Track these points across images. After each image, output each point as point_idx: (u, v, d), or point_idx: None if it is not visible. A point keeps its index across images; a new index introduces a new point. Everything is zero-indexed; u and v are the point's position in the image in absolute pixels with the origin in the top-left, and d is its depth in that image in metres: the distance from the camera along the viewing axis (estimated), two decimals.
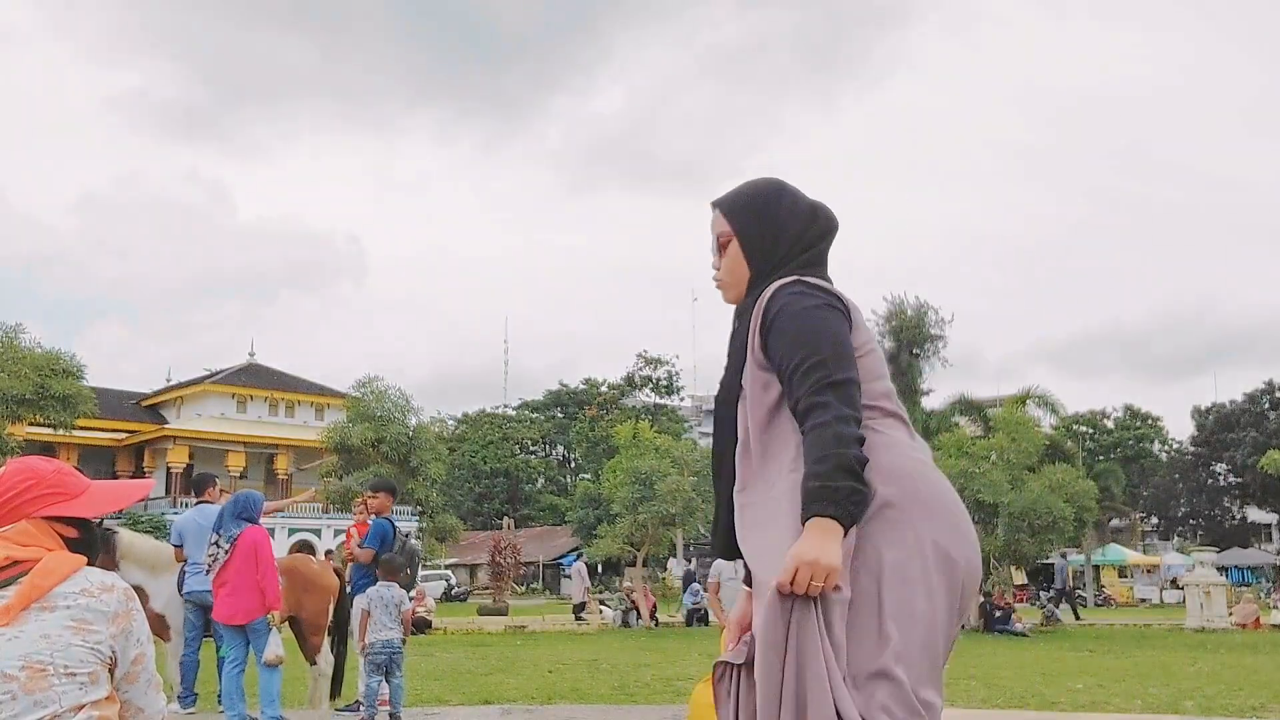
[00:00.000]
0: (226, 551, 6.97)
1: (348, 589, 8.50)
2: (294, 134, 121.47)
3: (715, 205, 2.47)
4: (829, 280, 2.37)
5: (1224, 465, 54.91)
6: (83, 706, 1.90)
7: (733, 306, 2.44)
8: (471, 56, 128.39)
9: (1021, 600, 34.38)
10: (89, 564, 2.03)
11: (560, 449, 73.96)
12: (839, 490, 2.04)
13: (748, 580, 2.30)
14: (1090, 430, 55.37)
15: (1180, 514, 58.44)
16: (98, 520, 2.61)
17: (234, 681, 7.01)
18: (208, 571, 7.19)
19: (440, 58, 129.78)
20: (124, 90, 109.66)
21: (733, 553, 2.26)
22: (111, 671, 1.99)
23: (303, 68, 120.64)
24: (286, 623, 7.89)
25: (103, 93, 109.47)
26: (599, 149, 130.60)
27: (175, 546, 8.38)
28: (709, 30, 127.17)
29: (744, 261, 2.39)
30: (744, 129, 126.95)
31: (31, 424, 27.55)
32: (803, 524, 2.05)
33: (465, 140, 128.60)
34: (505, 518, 43.84)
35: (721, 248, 2.42)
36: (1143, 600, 41.73)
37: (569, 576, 36.19)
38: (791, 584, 2.00)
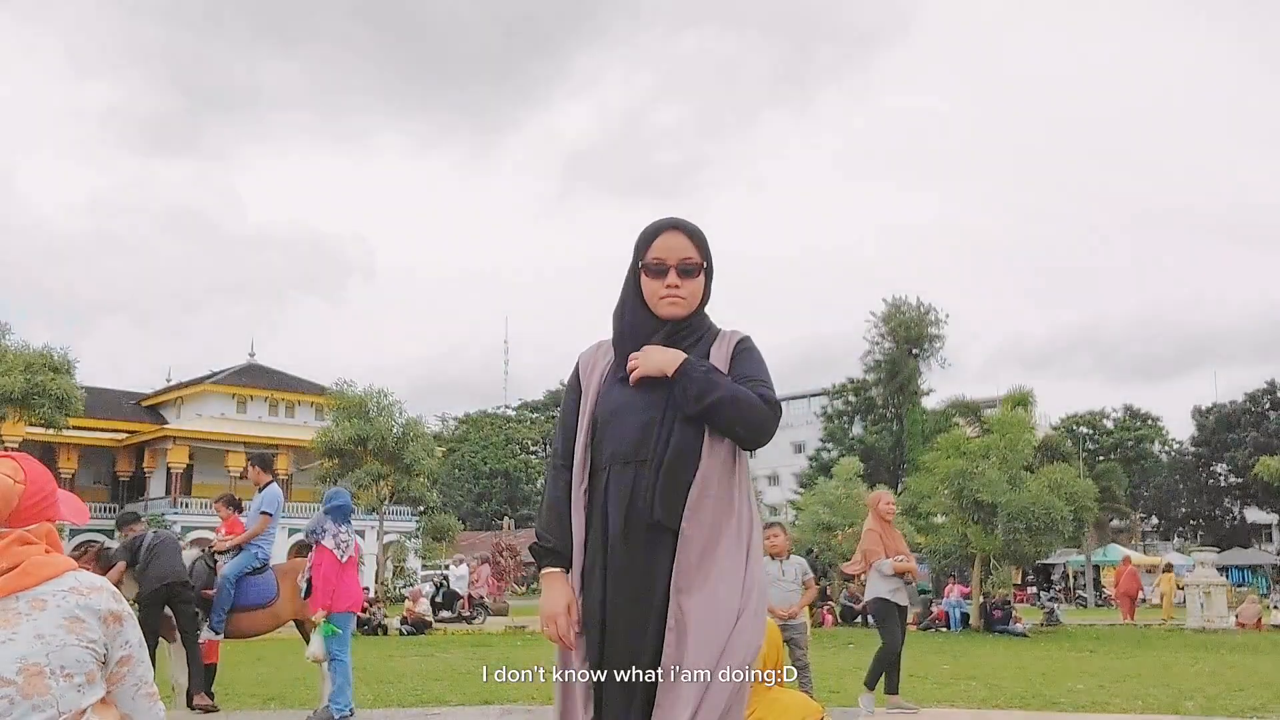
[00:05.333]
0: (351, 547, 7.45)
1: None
2: (295, 141, 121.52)
3: (688, 234, 2.61)
4: None
5: (1224, 466, 54.84)
6: (83, 711, 1.89)
7: (675, 317, 2.60)
8: (468, 62, 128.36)
9: (1021, 600, 34.35)
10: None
11: None
12: None
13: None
14: (1090, 430, 55.36)
15: (1181, 514, 58.36)
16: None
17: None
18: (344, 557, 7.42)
19: (437, 64, 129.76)
20: (123, 99, 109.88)
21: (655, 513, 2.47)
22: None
23: (299, 82, 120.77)
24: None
25: (106, 101, 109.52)
26: (600, 151, 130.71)
27: (265, 514, 8.43)
28: (699, 40, 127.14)
29: (703, 292, 2.64)
30: (733, 133, 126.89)
31: (28, 423, 27.35)
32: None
33: (466, 143, 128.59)
34: (505, 518, 43.84)
35: (685, 272, 2.58)
36: (1143, 600, 41.63)
37: None
38: None
